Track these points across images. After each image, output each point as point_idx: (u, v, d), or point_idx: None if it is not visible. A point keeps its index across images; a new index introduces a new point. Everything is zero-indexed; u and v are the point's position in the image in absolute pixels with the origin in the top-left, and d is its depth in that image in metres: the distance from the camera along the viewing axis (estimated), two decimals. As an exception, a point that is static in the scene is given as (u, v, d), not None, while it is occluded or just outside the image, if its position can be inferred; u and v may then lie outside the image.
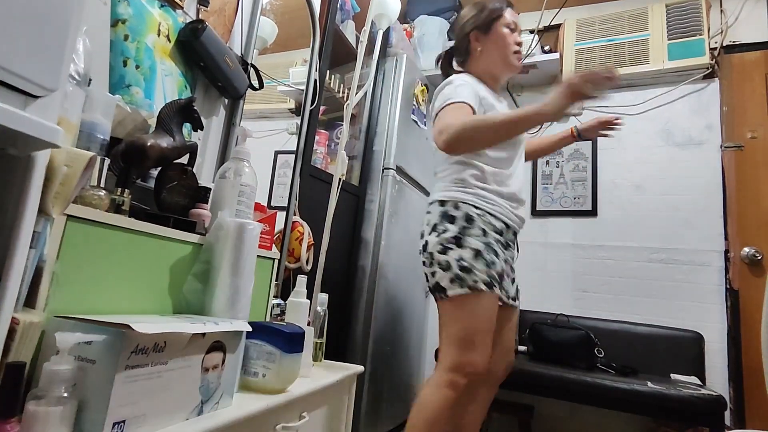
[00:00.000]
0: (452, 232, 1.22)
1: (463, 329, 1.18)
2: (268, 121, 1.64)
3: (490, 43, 1.37)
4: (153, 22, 1.04)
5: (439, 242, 1.22)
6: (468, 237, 1.20)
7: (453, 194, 1.27)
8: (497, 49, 1.36)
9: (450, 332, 1.20)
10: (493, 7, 1.37)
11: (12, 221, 0.46)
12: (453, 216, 1.24)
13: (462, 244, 1.20)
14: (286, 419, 0.85)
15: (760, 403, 1.86)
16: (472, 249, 1.19)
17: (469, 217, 1.23)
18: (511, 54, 1.36)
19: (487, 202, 1.26)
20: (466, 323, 1.18)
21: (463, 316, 1.19)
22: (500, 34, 1.36)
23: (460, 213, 1.24)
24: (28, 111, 0.45)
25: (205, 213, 0.91)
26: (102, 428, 0.52)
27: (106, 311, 0.67)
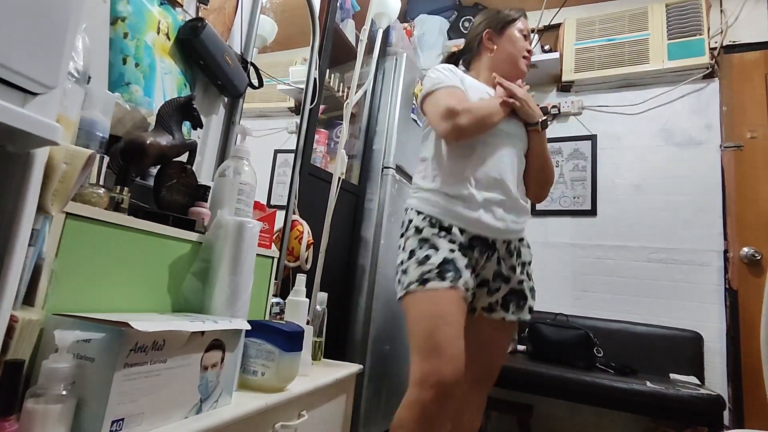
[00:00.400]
0: (401, 239, 1.24)
1: (416, 334, 1.09)
2: (268, 120, 1.64)
3: (502, 43, 1.38)
4: (152, 20, 1.04)
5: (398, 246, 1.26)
6: (406, 240, 1.20)
7: (408, 200, 1.30)
8: (508, 49, 1.38)
9: (409, 340, 1.11)
10: (509, 13, 1.41)
11: (11, 218, 0.46)
12: (403, 222, 1.26)
13: (403, 247, 1.20)
14: (285, 418, 0.85)
15: (758, 402, 1.86)
16: (407, 251, 1.18)
17: (410, 220, 1.23)
18: (520, 56, 1.38)
19: (431, 206, 1.21)
20: (417, 326, 1.09)
21: (413, 320, 1.11)
22: (513, 36, 1.38)
23: (407, 218, 1.25)
24: (27, 108, 0.44)
25: (204, 211, 0.91)
26: (101, 426, 0.52)
27: (105, 309, 0.66)
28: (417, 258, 1.14)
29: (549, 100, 2.60)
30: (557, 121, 2.55)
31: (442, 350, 1.04)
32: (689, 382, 1.71)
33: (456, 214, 1.19)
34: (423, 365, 1.05)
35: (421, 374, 1.05)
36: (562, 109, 2.52)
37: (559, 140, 2.50)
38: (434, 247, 1.14)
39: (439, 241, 1.15)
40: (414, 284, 1.11)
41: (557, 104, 2.55)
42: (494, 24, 1.40)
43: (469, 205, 1.19)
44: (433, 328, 1.06)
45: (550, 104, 2.57)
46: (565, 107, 2.51)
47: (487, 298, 1.26)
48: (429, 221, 1.19)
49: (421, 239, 1.16)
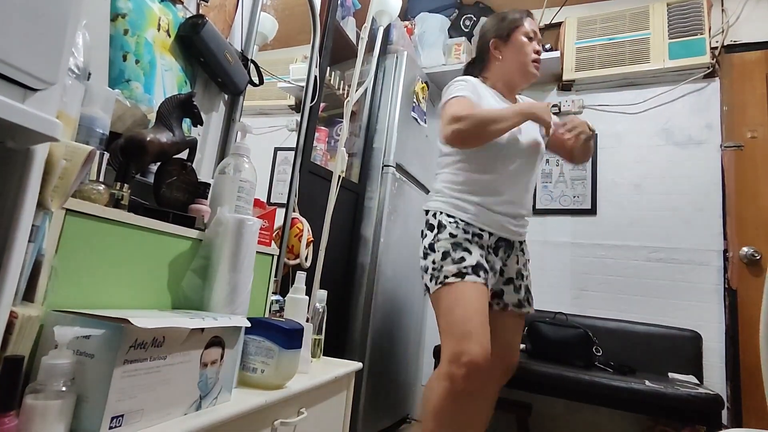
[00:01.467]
0: (429, 240, 1.35)
1: (451, 320, 1.23)
2: (268, 118, 1.64)
3: (509, 51, 1.42)
4: (153, 16, 1.04)
5: (422, 249, 1.37)
6: (438, 242, 1.32)
7: (433, 204, 1.41)
8: (516, 57, 1.41)
9: (442, 326, 1.27)
10: (513, 17, 1.43)
11: (11, 214, 0.46)
12: (431, 224, 1.37)
13: (435, 249, 1.32)
14: (284, 415, 0.85)
15: (757, 402, 1.86)
16: (441, 251, 1.30)
17: (441, 224, 1.34)
18: (529, 63, 1.41)
19: (459, 211, 1.34)
20: (452, 313, 1.23)
21: (448, 308, 1.25)
22: (519, 42, 1.40)
23: (436, 221, 1.36)
24: (27, 104, 0.44)
25: (204, 208, 0.91)
26: (100, 422, 0.52)
27: (104, 306, 0.67)
28: (453, 258, 1.27)
29: (549, 99, 2.60)
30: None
31: (475, 334, 1.19)
32: (688, 382, 1.71)
33: (485, 220, 1.34)
34: (457, 345, 1.20)
35: (454, 352, 1.20)
36: (562, 108, 2.52)
37: (560, 139, 2.50)
38: (468, 251, 1.28)
39: (471, 246, 1.29)
40: (452, 277, 1.25)
41: (558, 103, 2.54)
42: (500, 32, 1.43)
43: (495, 211, 1.35)
44: (468, 314, 1.21)
45: (551, 103, 2.57)
46: (566, 106, 2.51)
47: (516, 294, 1.43)
48: (462, 227, 1.31)
49: (454, 243, 1.29)
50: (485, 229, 1.34)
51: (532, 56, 1.40)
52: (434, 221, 1.36)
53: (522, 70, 1.41)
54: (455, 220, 1.33)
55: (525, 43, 1.40)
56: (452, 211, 1.35)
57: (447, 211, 1.35)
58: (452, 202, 1.36)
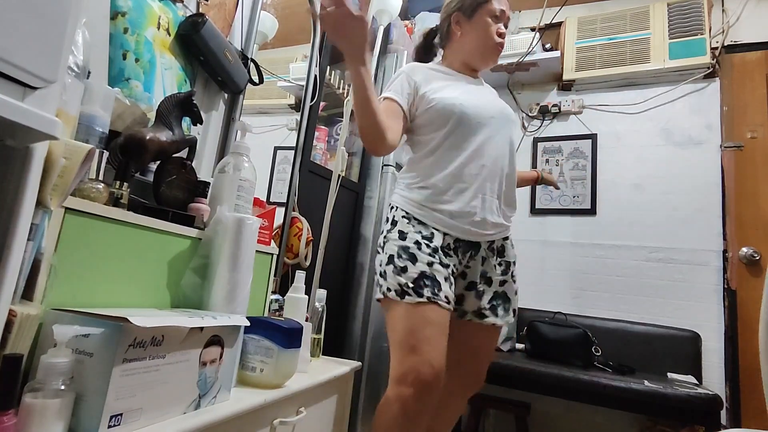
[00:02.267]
0: (381, 236, 1.19)
1: (395, 333, 1.08)
2: (268, 117, 1.64)
3: (470, 29, 1.25)
4: (153, 15, 1.04)
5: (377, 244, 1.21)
6: (388, 241, 1.14)
7: (393, 196, 1.24)
8: (476, 38, 1.25)
9: (390, 338, 1.11)
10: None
11: (10, 213, 0.46)
12: (387, 218, 1.21)
13: (383, 248, 1.15)
14: (283, 414, 0.85)
15: (756, 402, 1.86)
16: (386, 253, 1.13)
17: (393, 220, 1.17)
18: (489, 46, 1.25)
19: (413, 207, 1.16)
20: (395, 327, 1.08)
21: (391, 324, 1.10)
22: (483, 22, 1.23)
23: (391, 215, 1.19)
24: (26, 102, 0.44)
25: (203, 207, 0.91)
26: (99, 421, 0.52)
27: (103, 304, 0.67)
28: (395, 266, 1.09)
29: (549, 99, 2.60)
30: (557, 120, 2.55)
31: (421, 348, 1.03)
32: (687, 382, 1.71)
33: (438, 219, 1.14)
34: (402, 363, 1.04)
35: (401, 372, 1.04)
36: (562, 107, 2.52)
37: (560, 139, 2.50)
38: (413, 258, 1.09)
39: (419, 251, 1.09)
40: (392, 293, 1.08)
41: (558, 103, 2.54)
42: (464, 7, 1.26)
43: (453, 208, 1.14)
44: (412, 328, 1.05)
45: (551, 103, 2.57)
46: (566, 106, 2.51)
47: (477, 301, 1.21)
48: (413, 225, 1.14)
49: (401, 247, 1.11)
50: (439, 229, 1.14)
51: (495, 39, 1.24)
52: (390, 215, 1.20)
53: (482, 52, 1.26)
54: (408, 216, 1.15)
55: (489, 24, 1.23)
56: (406, 206, 1.17)
57: (401, 206, 1.18)
58: (407, 196, 1.18)
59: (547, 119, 2.56)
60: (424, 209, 1.15)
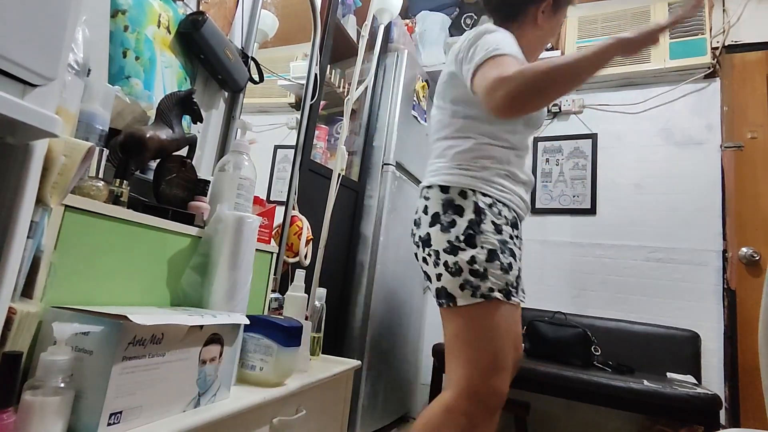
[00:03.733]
0: (461, 228, 0.99)
1: (482, 349, 0.95)
2: (268, 116, 1.64)
3: (550, 23, 1.15)
4: (153, 13, 1.04)
5: (446, 239, 0.99)
6: (480, 234, 0.98)
7: (458, 179, 1.03)
8: (548, 34, 1.16)
9: (465, 351, 0.96)
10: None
11: (9, 210, 0.46)
12: (459, 206, 1.01)
13: (474, 243, 0.97)
14: (283, 413, 0.85)
15: (755, 402, 1.87)
16: (487, 249, 0.97)
17: (478, 208, 0.99)
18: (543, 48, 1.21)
19: (498, 190, 1.03)
20: (485, 341, 0.95)
21: (480, 332, 0.96)
22: (559, 23, 1.17)
23: (468, 202, 1.00)
24: (26, 100, 0.44)
25: (203, 206, 0.91)
26: (99, 419, 0.52)
27: (103, 302, 0.67)
28: (501, 264, 0.96)
29: (550, 99, 2.60)
30: (557, 120, 2.54)
31: (504, 370, 0.95)
32: (686, 381, 1.71)
33: (518, 203, 1.07)
34: (486, 381, 0.94)
35: (479, 390, 0.94)
36: (562, 107, 2.52)
37: (560, 138, 2.50)
38: (514, 255, 1.00)
39: (515, 247, 1.01)
40: (496, 293, 0.95)
41: (558, 102, 2.54)
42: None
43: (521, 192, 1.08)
44: (503, 345, 0.96)
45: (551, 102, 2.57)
46: (566, 105, 2.51)
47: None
48: (504, 215, 1.02)
49: (501, 241, 0.98)
50: (517, 212, 1.06)
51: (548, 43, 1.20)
52: (463, 202, 1.01)
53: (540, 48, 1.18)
54: (493, 202, 1.01)
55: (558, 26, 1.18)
56: (488, 190, 1.01)
57: (481, 189, 1.01)
58: (483, 176, 1.02)
59: (548, 119, 2.56)
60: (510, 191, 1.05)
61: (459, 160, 1.05)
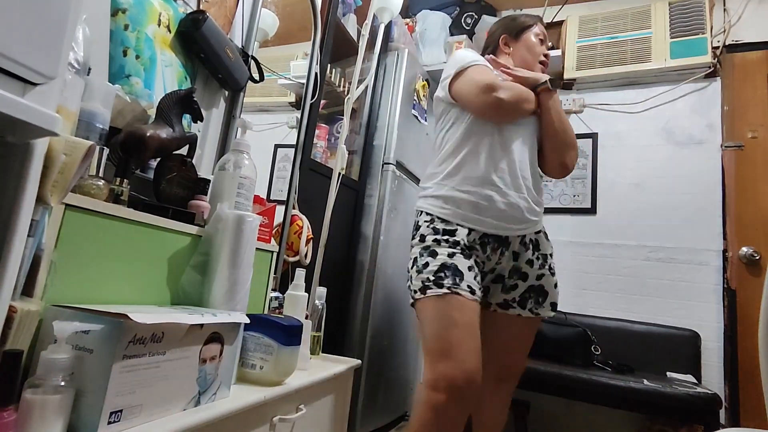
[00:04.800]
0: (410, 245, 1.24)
1: (427, 335, 1.09)
2: (269, 115, 1.64)
3: (518, 49, 1.38)
4: (153, 12, 1.04)
5: None
6: (412, 248, 1.21)
7: (418, 202, 1.29)
8: (524, 54, 1.36)
9: (422, 343, 1.14)
10: (524, 19, 1.41)
11: (10, 209, 0.46)
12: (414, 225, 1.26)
13: (410, 255, 1.21)
14: (283, 411, 0.85)
15: (754, 401, 1.87)
16: (411, 258, 1.19)
17: (417, 225, 1.23)
18: (536, 63, 1.36)
19: (437, 207, 1.20)
20: (425, 331, 1.10)
21: (423, 323, 1.12)
22: (530, 41, 1.37)
23: (414, 222, 1.26)
24: (26, 98, 0.44)
25: (204, 204, 0.91)
26: (99, 417, 0.52)
27: (103, 301, 0.67)
28: (417, 267, 1.15)
29: (550, 98, 2.59)
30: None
31: (452, 353, 1.03)
32: (686, 381, 1.71)
33: (463, 216, 1.17)
34: (434, 368, 1.05)
35: (432, 377, 1.05)
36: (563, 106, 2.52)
37: (560, 138, 2.49)
38: (433, 254, 1.13)
39: (439, 247, 1.14)
40: (417, 293, 1.13)
41: (558, 102, 2.54)
42: (510, 29, 1.39)
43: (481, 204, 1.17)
44: (441, 331, 1.06)
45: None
46: (567, 105, 2.51)
47: (502, 294, 1.25)
48: (433, 227, 1.17)
49: (423, 247, 1.16)
50: (463, 224, 1.16)
51: (540, 57, 1.36)
52: (414, 221, 1.26)
53: (529, 67, 1.34)
54: (431, 218, 1.19)
55: (535, 43, 1.36)
56: (428, 208, 1.22)
57: (425, 209, 1.23)
58: (430, 195, 1.23)
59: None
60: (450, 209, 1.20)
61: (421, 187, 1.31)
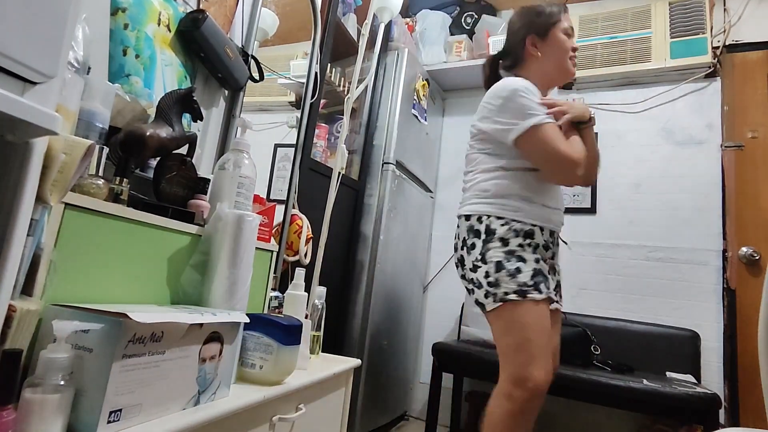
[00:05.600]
0: (478, 249, 1.22)
1: (513, 342, 1.15)
2: (268, 114, 1.64)
3: (547, 48, 1.31)
4: (153, 11, 1.04)
5: (471, 260, 1.23)
6: (489, 251, 1.19)
7: (476, 207, 1.26)
8: (555, 55, 1.31)
9: (503, 345, 1.18)
10: (551, 11, 1.32)
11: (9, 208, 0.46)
12: (478, 230, 1.23)
13: (486, 260, 1.19)
14: (282, 411, 0.85)
15: (754, 401, 1.87)
16: (494, 261, 1.18)
17: (490, 229, 1.21)
18: (567, 60, 1.32)
19: (509, 211, 1.22)
20: (515, 335, 1.15)
21: (510, 328, 1.16)
22: (559, 39, 1.31)
23: (483, 227, 1.22)
24: (26, 97, 0.44)
25: (203, 204, 0.91)
26: (98, 417, 0.52)
27: (103, 300, 0.67)
28: (508, 271, 1.16)
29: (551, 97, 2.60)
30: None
31: (539, 358, 1.13)
32: (686, 381, 1.71)
33: (536, 215, 1.24)
34: (521, 370, 1.13)
35: (518, 377, 1.13)
36: (563, 106, 2.52)
37: (560, 138, 2.49)
38: (522, 260, 1.17)
39: (525, 252, 1.19)
40: (512, 295, 1.14)
41: (558, 102, 2.54)
42: (537, 28, 1.32)
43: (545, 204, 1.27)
44: (532, 336, 1.13)
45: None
46: (567, 105, 2.51)
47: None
48: (513, 229, 1.20)
49: (507, 251, 1.18)
50: (536, 224, 1.23)
51: (570, 54, 1.31)
52: (480, 226, 1.23)
53: (561, 68, 1.32)
54: (506, 221, 1.21)
55: (565, 40, 1.31)
56: (502, 213, 1.22)
57: (496, 214, 1.22)
58: (500, 203, 1.23)
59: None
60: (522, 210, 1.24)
61: (477, 191, 1.27)
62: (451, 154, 2.74)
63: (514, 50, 1.36)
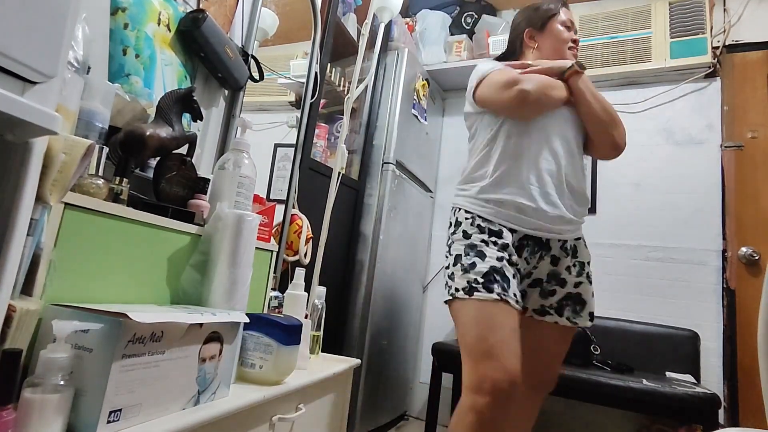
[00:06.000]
0: (447, 240, 1.21)
1: (467, 339, 1.05)
2: (268, 114, 1.64)
3: (545, 39, 1.31)
4: (153, 11, 1.04)
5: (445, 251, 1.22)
6: (453, 243, 1.17)
7: (455, 199, 1.26)
8: (552, 46, 1.30)
9: (460, 346, 1.09)
10: (548, 7, 1.33)
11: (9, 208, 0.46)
12: (450, 222, 1.23)
13: (450, 252, 1.17)
14: (282, 411, 0.85)
15: (753, 401, 1.87)
16: (453, 255, 1.14)
17: (457, 221, 1.19)
18: (566, 50, 1.29)
19: (477, 206, 1.17)
20: (467, 332, 1.06)
21: (462, 325, 1.08)
22: (556, 30, 1.30)
23: (454, 218, 1.21)
24: (26, 97, 0.44)
25: (203, 204, 0.91)
26: (98, 417, 0.52)
27: (103, 300, 0.67)
28: (462, 265, 1.10)
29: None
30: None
31: (496, 354, 1.01)
32: (685, 381, 1.71)
33: (506, 215, 1.15)
34: (476, 369, 1.02)
35: (475, 379, 1.01)
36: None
37: (560, 138, 2.50)
38: (481, 255, 1.09)
39: (486, 248, 1.10)
40: (460, 292, 1.08)
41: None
42: (534, 21, 1.33)
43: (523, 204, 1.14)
44: (485, 332, 1.03)
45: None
46: (566, 105, 2.51)
47: (540, 299, 1.22)
48: (477, 225, 1.14)
49: (468, 245, 1.12)
50: (506, 225, 1.14)
51: (569, 44, 1.29)
52: (452, 218, 1.22)
53: (559, 57, 1.28)
54: (471, 216, 1.16)
55: (562, 30, 1.29)
56: (467, 206, 1.19)
57: (465, 207, 1.19)
58: (471, 195, 1.19)
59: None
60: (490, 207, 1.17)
61: (458, 184, 1.28)
62: (451, 153, 2.74)
63: (515, 46, 1.38)
